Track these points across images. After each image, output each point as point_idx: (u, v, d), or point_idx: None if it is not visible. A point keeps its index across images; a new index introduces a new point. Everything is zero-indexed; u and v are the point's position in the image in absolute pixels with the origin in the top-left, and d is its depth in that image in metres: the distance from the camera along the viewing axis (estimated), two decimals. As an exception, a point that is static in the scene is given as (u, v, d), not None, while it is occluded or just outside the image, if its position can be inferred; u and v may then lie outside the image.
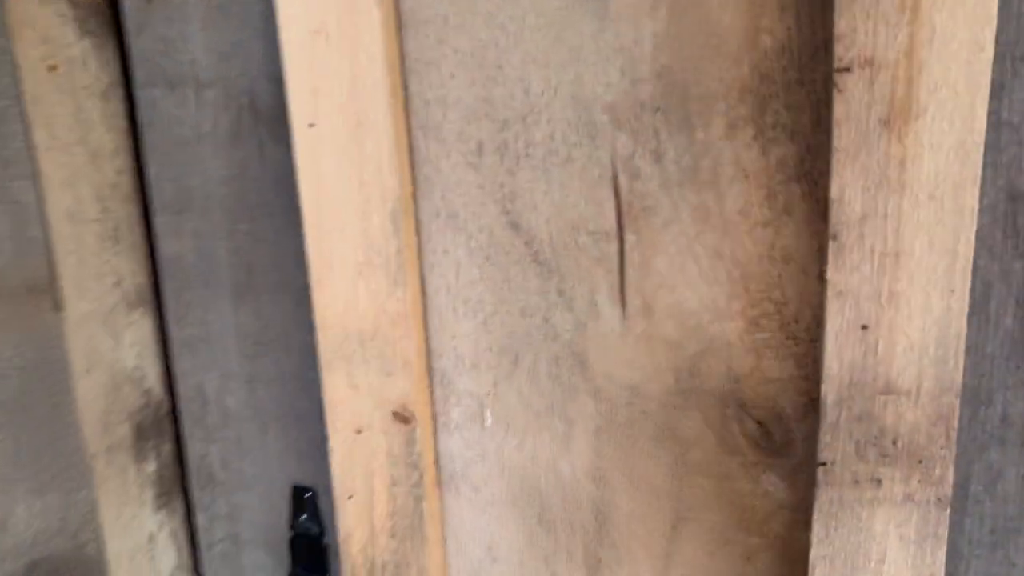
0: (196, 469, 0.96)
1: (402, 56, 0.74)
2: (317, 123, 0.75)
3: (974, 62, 0.57)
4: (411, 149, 0.76)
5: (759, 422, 0.73)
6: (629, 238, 0.72)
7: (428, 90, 0.75)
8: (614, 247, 0.73)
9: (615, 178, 0.71)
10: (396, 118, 0.74)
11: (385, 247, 0.76)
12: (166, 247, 0.90)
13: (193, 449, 0.95)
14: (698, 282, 0.71)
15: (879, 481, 0.66)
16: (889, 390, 0.64)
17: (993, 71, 0.58)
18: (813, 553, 0.69)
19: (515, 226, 0.75)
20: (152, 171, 0.88)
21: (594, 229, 0.73)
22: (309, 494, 0.92)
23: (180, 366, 0.93)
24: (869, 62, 0.59)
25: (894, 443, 0.65)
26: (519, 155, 0.74)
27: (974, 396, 0.67)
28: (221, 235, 0.86)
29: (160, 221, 0.89)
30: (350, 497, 0.84)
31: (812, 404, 0.71)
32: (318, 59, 0.73)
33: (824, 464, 0.67)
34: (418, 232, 0.78)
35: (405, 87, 0.75)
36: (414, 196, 0.77)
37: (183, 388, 0.93)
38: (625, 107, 0.70)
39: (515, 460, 0.82)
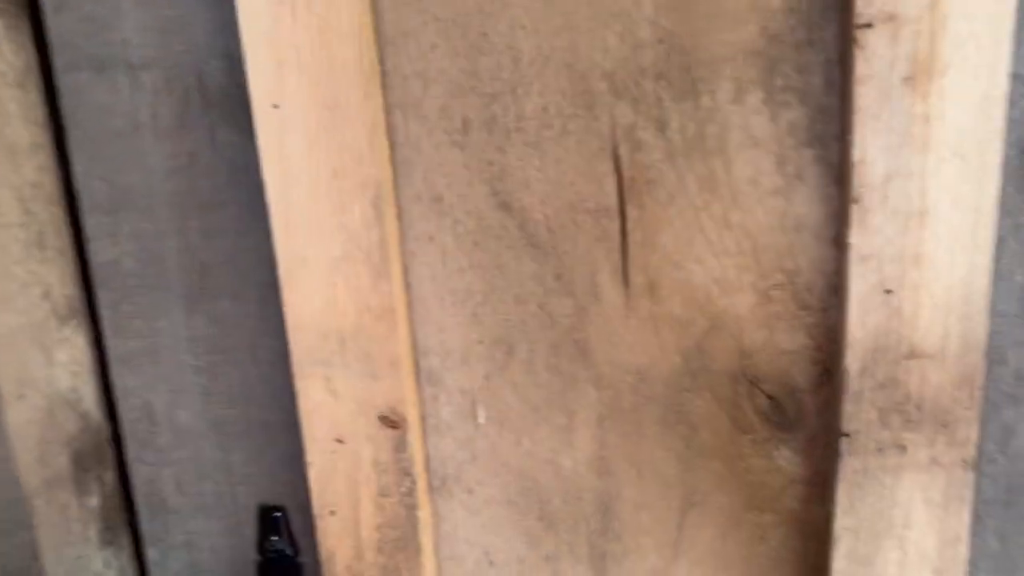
0: (144, 497, 0.86)
1: (377, 26, 0.68)
2: (282, 103, 0.68)
3: (997, 14, 0.56)
4: (388, 128, 0.70)
5: (771, 397, 0.70)
6: (631, 214, 0.68)
7: (406, 63, 0.69)
8: (615, 224, 0.69)
9: (615, 151, 0.67)
10: (372, 95, 0.67)
11: (366, 237, 0.69)
12: (100, 252, 0.80)
13: (140, 475, 0.86)
14: (706, 256, 0.68)
15: (903, 447, 0.65)
16: (913, 354, 0.63)
17: (1011, 23, 0.57)
18: (837, 525, 0.68)
19: (506, 207, 0.70)
20: (79, 168, 0.78)
21: (593, 206, 0.69)
22: (279, 513, 0.84)
23: (122, 384, 0.83)
24: (891, 17, 0.57)
25: (918, 408, 0.64)
26: (509, 130, 0.69)
27: (987, 355, 0.66)
28: (168, 234, 0.78)
29: (91, 223, 0.79)
30: (332, 512, 0.77)
31: (826, 374, 0.69)
32: (282, 31, 0.66)
33: (847, 435, 0.66)
34: (398, 218, 0.72)
35: (381, 61, 0.69)
36: (393, 180, 0.71)
37: (126, 408, 0.84)
38: (625, 74, 0.66)
39: (511, 458, 0.77)
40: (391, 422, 0.74)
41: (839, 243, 0.65)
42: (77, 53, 0.75)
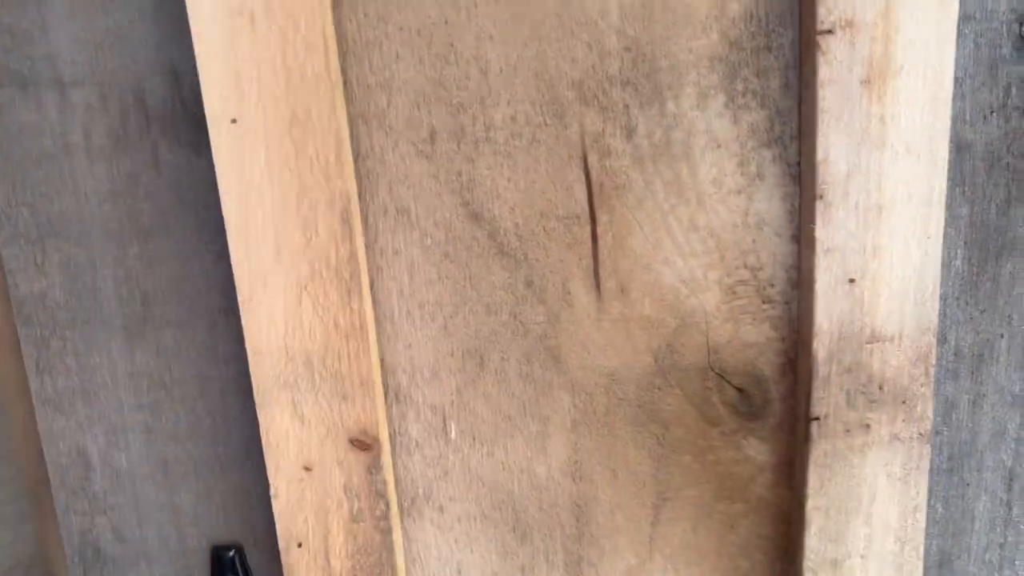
0: (77, 548, 0.80)
1: (338, 36, 0.66)
2: (241, 118, 0.65)
3: (942, 20, 0.61)
4: (352, 140, 0.68)
5: (739, 388, 0.73)
6: (602, 219, 0.70)
7: (369, 74, 0.67)
8: (586, 230, 0.70)
9: (584, 158, 0.68)
10: (339, 106, 0.65)
11: (335, 253, 0.67)
12: (22, 285, 0.73)
13: (71, 526, 0.79)
14: (674, 256, 0.70)
15: (868, 426, 0.69)
16: (875, 338, 0.67)
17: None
18: (809, 505, 0.71)
19: (476, 217, 0.70)
20: (-3, 194, 0.71)
21: (564, 213, 0.70)
22: (232, 553, 0.80)
23: (50, 427, 0.76)
24: (850, 23, 0.61)
25: (880, 388, 0.69)
26: (478, 140, 0.68)
27: (931, 335, 0.72)
28: (104, 263, 0.72)
29: (9, 254, 0.72)
30: (299, 545, 0.74)
31: (790, 364, 0.72)
32: (241, 43, 0.63)
33: (817, 419, 0.69)
34: (363, 234, 0.70)
35: (343, 71, 0.67)
36: (358, 194, 0.69)
37: (54, 454, 0.77)
38: (592, 83, 0.67)
39: (484, 470, 0.76)
40: (363, 444, 0.71)
41: (799, 238, 0.68)
42: (-7, 69, 0.68)
